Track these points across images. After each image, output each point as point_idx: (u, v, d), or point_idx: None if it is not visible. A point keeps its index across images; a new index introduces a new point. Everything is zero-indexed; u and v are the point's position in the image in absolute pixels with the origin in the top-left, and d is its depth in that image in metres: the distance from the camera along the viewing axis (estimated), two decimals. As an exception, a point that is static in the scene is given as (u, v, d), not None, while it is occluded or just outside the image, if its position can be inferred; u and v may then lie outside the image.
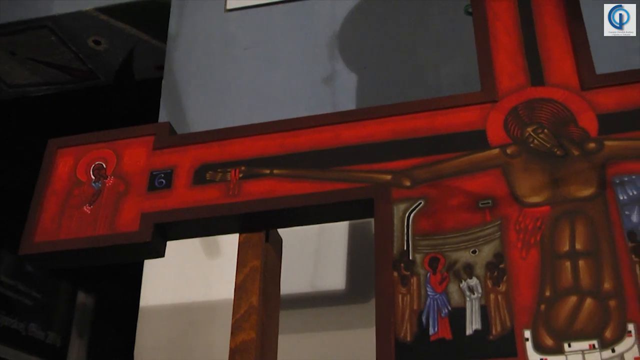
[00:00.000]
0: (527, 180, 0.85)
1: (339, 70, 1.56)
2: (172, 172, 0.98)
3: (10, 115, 2.49)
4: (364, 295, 1.25)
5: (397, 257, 0.83)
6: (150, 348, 1.37)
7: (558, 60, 0.94)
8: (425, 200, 0.87)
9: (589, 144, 0.86)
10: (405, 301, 0.81)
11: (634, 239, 0.78)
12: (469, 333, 0.77)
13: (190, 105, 1.62)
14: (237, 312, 0.91)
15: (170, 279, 1.41)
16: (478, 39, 0.99)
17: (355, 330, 1.22)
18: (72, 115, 2.47)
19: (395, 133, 0.93)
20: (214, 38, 1.71)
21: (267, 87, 1.59)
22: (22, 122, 2.58)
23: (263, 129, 0.99)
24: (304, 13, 1.65)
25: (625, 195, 0.81)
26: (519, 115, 0.91)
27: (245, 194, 0.94)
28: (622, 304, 0.75)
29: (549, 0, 0.99)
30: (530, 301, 0.77)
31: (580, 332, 0.74)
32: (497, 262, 0.80)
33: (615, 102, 0.89)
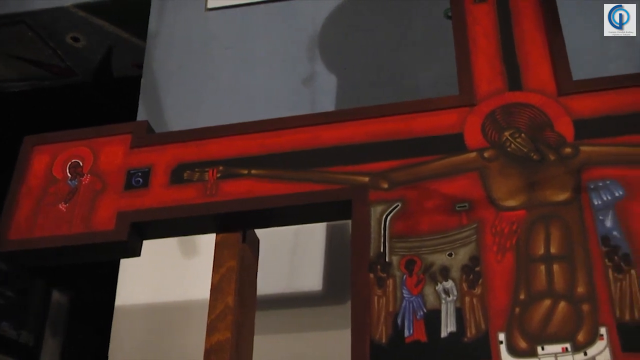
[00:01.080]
0: (503, 184, 0.86)
1: (318, 71, 1.56)
2: (149, 171, 0.98)
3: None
4: (341, 297, 1.25)
5: (373, 259, 0.84)
6: (125, 348, 1.36)
7: (536, 65, 0.95)
8: (402, 202, 0.87)
9: (565, 149, 0.87)
10: (381, 303, 0.81)
11: (607, 244, 0.79)
12: (444, 335, 0.77)
13: (169, 104, 1.61)
14: (213, 312, 0.90)
15: (147, 278, 1.40)
16: (457, 43, 1.00)
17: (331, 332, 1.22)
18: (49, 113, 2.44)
19: (373, 135, 0.93)
20: (194, 37, 1.71)
21: (247, 87, 1.59)
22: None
23: (242, 129, 0.99)
24: (284, 13, 1.65)
25: (599, 200, 0.82)
26: (496, 119, 0.91)
27: (223, 194, 0.94)
28: (595, 308, 0.75)
29: (527, 6, 1.00)
30: (505, 304, 0.78)
31: (553, 335, 0.75)
32: (472, 265, 0.81)
33: (591, 108, 0.90)
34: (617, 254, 0.78)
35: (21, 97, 2.31)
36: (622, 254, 0.78)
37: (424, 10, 1.53)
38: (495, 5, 1.02)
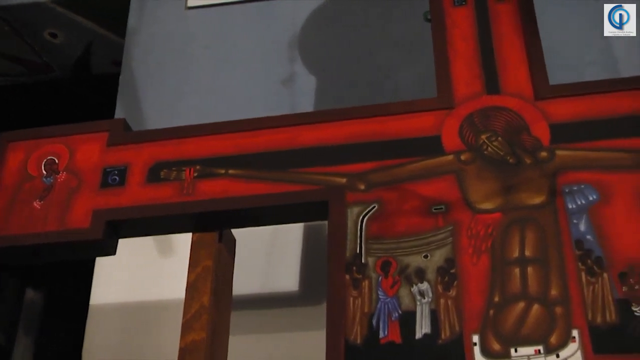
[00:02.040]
0: (479, 187, 0.86)
1: (298, 72, 1.56)
2: (125, 169, 0.97)
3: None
4: (316, 297, 1.25)
5: (349, 260, 0.84)
6: (99, 347, 1.36)
7: (513, 69, 0.96)
8: (379, 204, 0.87)
9: (541, 153, 0.88)
10: (356, 304, 0.81)
11: (581, 247, 0.80)
12: (419, 337, 0.78)
13: (148, 102, 1.61)
14: (188, 312, 0.90)
15: (122, 277, 1.40)
16: (436, 46, 1.00)
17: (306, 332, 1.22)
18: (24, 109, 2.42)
19: (351, 136, 0.93)
20: (174, 35, 1.70)
21: (226, 87, 1.59)
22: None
23: (219, 128, 0.99)
24: (264, 14, 1.65)
25: (574, 204, 0.83)
26: (473, 122, 0.92)
27: (200, 194, 0.93)
28: (568, 311, 0.76)
29: (506, 11, 1.01)
30: (479, 306, 0.78)
31: (526, 337, 0.75)
32: (448, 267, 0.81)
33: (567, 112, 0.91)
34: (590, 258, 0.79)
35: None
36: (595, 258, 0.79)
37: (403, 12, 1.53)
38: (474, 9, 1.03)
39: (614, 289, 0.77)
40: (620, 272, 0.77)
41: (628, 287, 0.76)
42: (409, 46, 1.50)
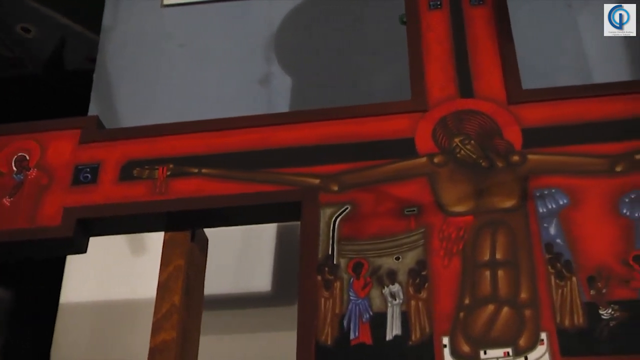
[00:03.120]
0: (452, 190, 0.87)
1: (274, 72, 1.56)
2: (98, 167, 0.96)
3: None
4: (289, 298, 1.25)
5: (321, 261, 0.84)
6: (68, 346, 1.34)
7: (487, 73, 0.97)
8: (352, 205, 0.87)
9: (513, 157, 0.89)
10: (327, 305, 0.81)
11: (551, 251, 0.81)
12: (389, 338, 0.78)
13: (122, 100, 1.59)
14: (159, 311, 0.89)
15: (93, 275, 1.38)
16: (411, 49, 1.01)
17: (278, 333, 1.22)
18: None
19: (324, 137, 0.93)
20: (149, 33, 1.69)
21: (201, 86, 1.58)
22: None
23: (193, 127, 0.99)
24: (241, 13, 1.64)
25: (544, 208, 0.84)
26: (447, 125, 0.92)
27: (172, 192, 0.93)
28: (537, 314, 0.77)
29: (480, 15, 1.02)
30: (449, 309, 0.79)
31: (496, 339, 0.76)
32: (419, 269, 0.82)
33: (540, 117, 0.92)
34: (560, 261, 0.80)
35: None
36: (564, 261, 0.80)
37: (379, 14, 1.54)
38: (449, 13, 1.03)
39: (582, 292, 0.77)
40: (588, 276, 0.78)
41: (596, 291, 0.77)
42: (384, 48, 1.50)
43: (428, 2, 1.05)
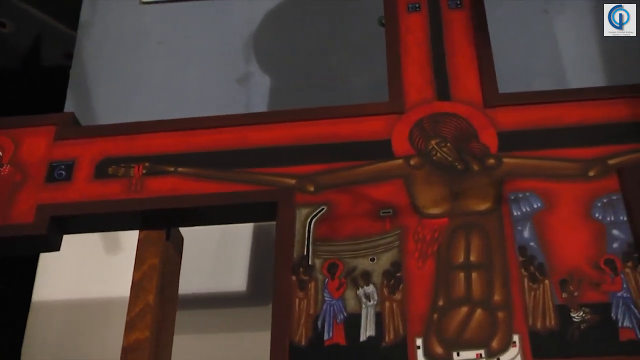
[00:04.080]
0: (427, 192, 0.87)
1: (253, 71, 1.56)
2: (72, 164, 0.96)
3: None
4: (264, 298, 1.25)
5: (296, 262, 0.84)
6: (40, 344, 1.33)
7: (464, 77, 0.97)
8: (328, 206, 0.87)
9: (489, 160, 0.89)
10: (302, 305, 0.81)
11: (524, 254, 0.81)
12: (363, 339, 0.78)
13: (99, 97, 1.58)
14: (132, 310, 0.89)
15: (66, 274, 1.37)
16: (389, 50, 1.01)
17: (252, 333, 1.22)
18: (-30, 100, 2.36)
19: (301, 138, 0.94)
20: (128, 30, 1.67)
21: (179, 84, 1.57)
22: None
23: (170, 125, 0.98)
24: (220, 12, 1.64)
25: (518, 211, 0.85)
26: (424, 128, 0.93)
27: (148, 191, 0.92)
28: (510, 316, 0.77)
29: (458, 19, 1.03)
30: (423, 310, 0.79)
31: (469, 341, 0.76)
32: (394, 270, 0.82)
33: (515, 121, 0.93)
34: (533, 264, 0.81)
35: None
36: (538, 264, 0.80)
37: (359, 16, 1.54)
38: (428, 16, 1.04)
39: (555, 295, 0.78)
40: (561, 279, 0.79)
41: (568, 294, 0.78)
42: (363, 50, 1.51)
43: (407, 4, 1.05)
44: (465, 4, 1.04)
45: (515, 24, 1.42)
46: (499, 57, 1.01)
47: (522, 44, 1.41)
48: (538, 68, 1.39)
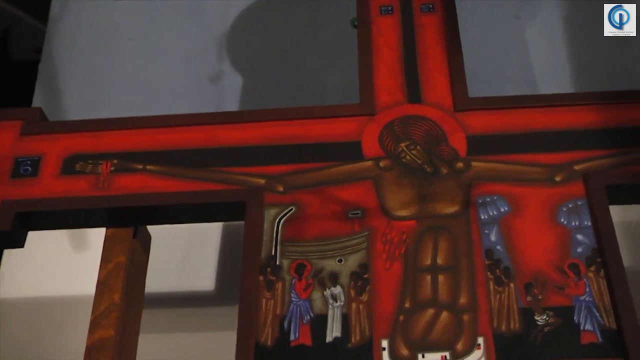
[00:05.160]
0: (396, 194, 0.88)
1: (225, 70, 1.55)
2: (39, 160, 0.94)
3: None
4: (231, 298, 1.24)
5: (264, 262, 0.84)
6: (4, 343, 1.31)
7: (435, 80, 0.98)
8: (296, 206, 0.87)
9: (458, 164, 0.90)
10: (268, 306, 0.81)
11: (491, 257, 0.82)
12: (329, 340, 0.78)
13: (68, 92, 1.56)
14: (97, 309, 0.88)
15: (32, 271, 1.35)
16: (361, 52, 1.01)
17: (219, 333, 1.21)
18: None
19: (272, 138, 0.93)
20: (99, 25, 1.66)
21: (151, 81, 1.56)
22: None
23: (139, 123, 0.98)
24: (194, 9, 1.63)
25: (486, 214, 0.85)
26: (394, 130, 0.93)
27: (116, 188, 0.92)
28: (475, 318, 0.78)
29: (430, 23, 1.03)
30: (390, 312, 0.79)
31: (434, 343, 0.77)
32: (361, 272, 0.82)
33: (485, 125, 0.93)
34: (499, 267, 0.81)
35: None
36: (503, 267, 0.81)
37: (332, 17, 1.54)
38: (400, 19, 1.04)
39: (519, 298, 0.79)
40: (526, 283, 0.80)
41: (532, 297, 0.79)
42: (336, 51, 1.51)
43: (379, 7, 1.06)
44: (437, 8, 1.05)
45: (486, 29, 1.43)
46: (471, 62, 1.01)
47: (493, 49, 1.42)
48: (509, 73, 1.40)
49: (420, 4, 1.05)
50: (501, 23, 1.47)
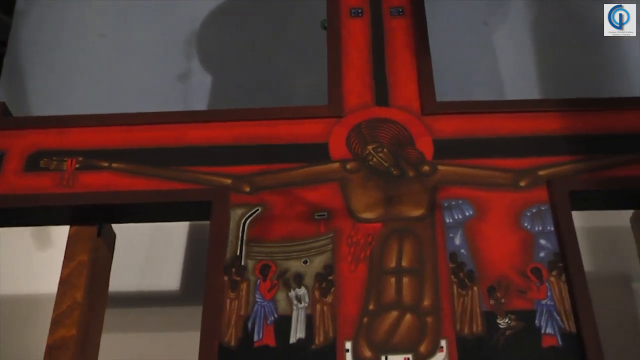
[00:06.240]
0: (362, 196, 0.88)
1: (194, 69, 1.54)
2: (2, 156, 0.93)
3: None
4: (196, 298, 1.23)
5: (229, 262, 0.83)
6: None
7: (403, 84, 0.98)
8: (262, 207, 0.87)
9: (424, 167, 0.91)
10: (233, 306, 0.81)
11: (455, 260, 0.83)
12: (293, 341, 0.78)
13: (34, 88, 1.54)
14: (59, 307, 0.87)
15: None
16: (330, 54, 1.02)
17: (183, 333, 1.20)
18: None
19: (239, 138, 0.93)
20: (67, 20, 1.63)
21: (119, 78, 1.54)
22: None
23: (106, 120, 0.97)
24: (164, 7, 1.62)
25: (451, 218, 0.86)
26: (361, 132, 0.94)
27: (80, 186, 0.91)
28: (438, 321, 0.79)
29: (400, 27, 1.04)
30: (354, 314, 0.80)
31: (397, 345, 0.77)
32: (326, 273, 0.82)
33: (451, 129, 0.94)
34: (463, 271, 0.82)
35: None
36: (467, 271, 0.82)
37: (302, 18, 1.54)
38: (370, 22, 1.05)
39: (482, 301, 0.80)
40: (489, 286, 0.81)
41: (495, 301, 0.80)
42: (306, 52, 1.51)
43: (350, 9, 1.06)
44: (407, 12, 1.05)
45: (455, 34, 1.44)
46: (439, 66, 1.02)
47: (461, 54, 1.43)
48: (478, 78, 1.42)
49: (390, 8, 1.06)
50: (470, 28, 1.48)
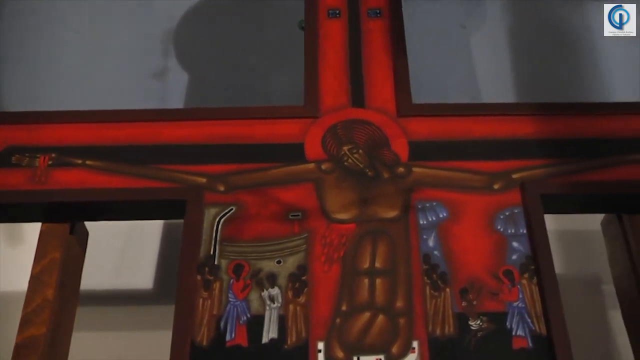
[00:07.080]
0: (337, 197, 0.88)
1: (171, 66, 1.53)
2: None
3: None
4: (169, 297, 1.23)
5: (202, 261, 0.83)
6: None
7: (379, 85, 0.99)
8: (237, 206, 0.87)
9: (399, 169, 0.91)
10: (205, 305, 0.80)
11: (428, 262, 0.83)
12: (265, 341, 0.78)
13: (7, 83, 1.52)
14: (29, 305, 0.86)
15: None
16: (307, 55, 1.02)
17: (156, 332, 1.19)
18: None
19: (214, 137, 0.93)
20: (43, 15, 1.62)
21: (94, 75, 1.53)
22: None
23: (80, 117, 0.96)
24: (141, 4, 1.61)
25: (425, 220, 0.86)
26: (337, 133, 0.94)
27: (53, 183, 0.90)
28: (410, 322, 0.79)
29: (377, 29, 1.04)
30: (327, 314, 0.80)
31: (369, 346, 0.77)
32: (299, 273, 0.82)
33: (427, 131, 0.95)
34: (436, 272, 0.82)
35: None
36: (440, 273, 0.82)
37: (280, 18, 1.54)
38: (348, 23, 1.05)
39: (455, 303, 0.80)
40: (461, 288, 0.81)
41: (467, 303, 0.80)
42: (284, 52, 1.51)
43: (327, 10, 1.06)
44: (384, 14, 1.06)
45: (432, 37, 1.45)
46: (416, 69, 1.03)
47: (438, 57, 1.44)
48: (454, 81, 1.43)
49: (367, 9, 1.06)
50: (447, 31, 1.49)
